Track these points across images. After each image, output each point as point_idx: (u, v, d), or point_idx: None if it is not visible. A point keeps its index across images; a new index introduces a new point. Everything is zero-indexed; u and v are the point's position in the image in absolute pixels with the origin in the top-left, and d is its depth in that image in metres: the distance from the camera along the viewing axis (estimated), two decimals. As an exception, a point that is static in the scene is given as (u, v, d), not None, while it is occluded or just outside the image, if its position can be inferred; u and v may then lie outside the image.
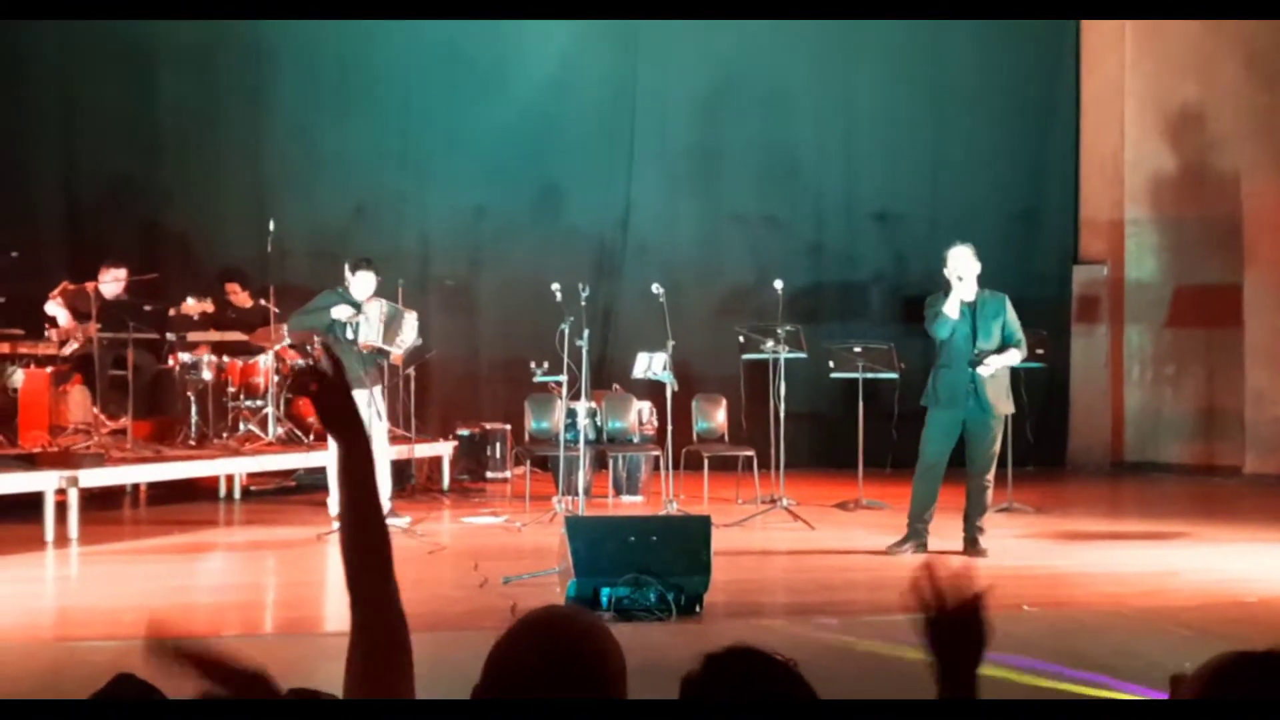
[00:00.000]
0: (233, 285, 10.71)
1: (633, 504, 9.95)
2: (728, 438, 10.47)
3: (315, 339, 9.80)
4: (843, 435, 11.05)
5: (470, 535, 8.36)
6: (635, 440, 10.38)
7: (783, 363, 9.44)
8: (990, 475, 7.54)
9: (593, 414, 9.95)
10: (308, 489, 10.05)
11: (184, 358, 9.79)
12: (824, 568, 7.28)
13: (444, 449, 10.72)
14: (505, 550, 7.52)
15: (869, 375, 9.86)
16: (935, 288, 7.62)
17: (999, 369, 7.43)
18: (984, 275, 7.62)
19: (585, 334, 8.78)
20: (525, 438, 10.20)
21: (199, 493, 9.78)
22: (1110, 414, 13.31)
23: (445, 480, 10.64)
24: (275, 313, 9.91)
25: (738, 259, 12.88)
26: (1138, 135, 13.16)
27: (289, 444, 9.86)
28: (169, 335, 10.05)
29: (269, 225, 9.82)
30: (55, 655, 4.99)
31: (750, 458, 9.87)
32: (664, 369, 9.54)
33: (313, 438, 9.84)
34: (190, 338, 10.09)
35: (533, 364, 10.04)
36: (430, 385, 11.49)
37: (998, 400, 7.47)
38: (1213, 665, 1.65)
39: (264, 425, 9.90)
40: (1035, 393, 11.22)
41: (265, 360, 9.99)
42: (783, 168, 13.14)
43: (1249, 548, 7.97)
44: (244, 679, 1.79)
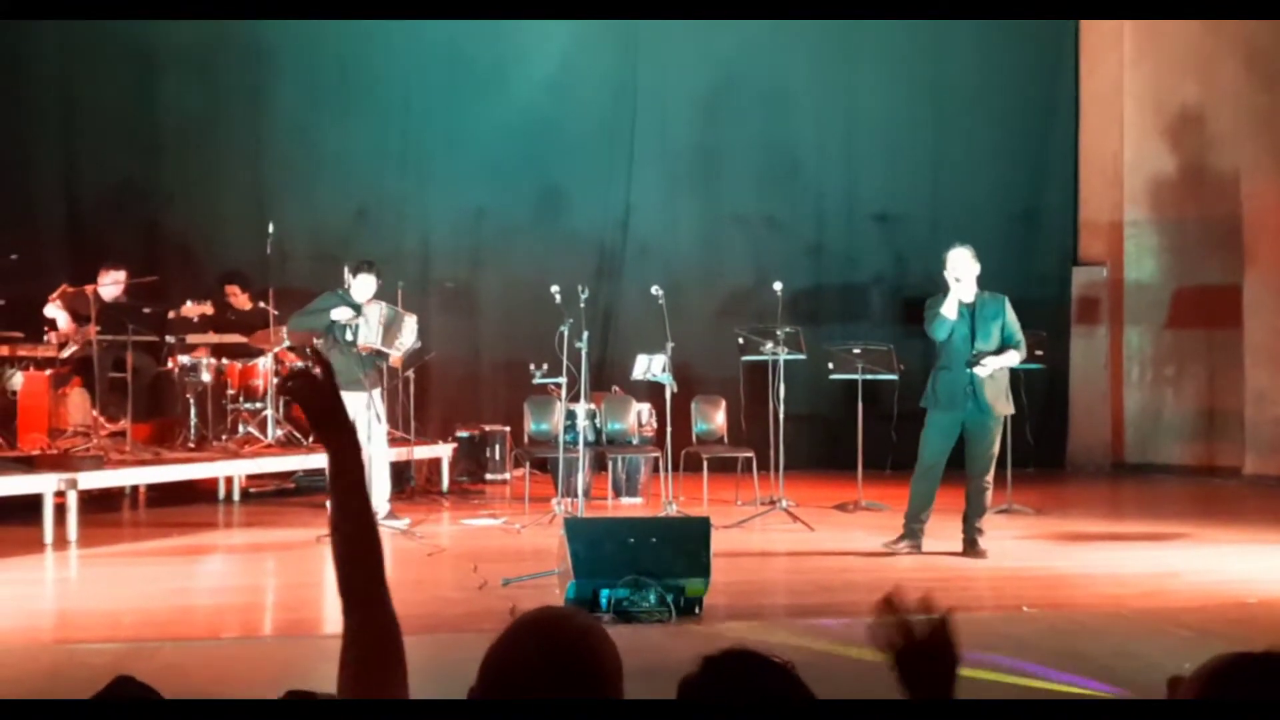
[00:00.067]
0: (233, 288, 10.71)
1: (632, 505, 9.94)
2: (727, 439, 10.47)
3: (314, 340, 9.82)
4: (842, 437, 11.05)
5: (470, 537, 8.35)
6: (634, 442, 10.38)
7: (782, 364, 9.44)
8: (989, 476, 7.53)
9: (592, 415, 9.95)
10: (307, 491, 10.05)
11: (183, 360, 9.80)
12: (823, 569, 7.26)
13: (443, 451, 10.72)
14: (505, 552, 7.51)
15: (868, 377, 9.86)
16: (935, 289, 7.61)
17: (997, 370, 7.44)
18: (984, 276, 7.62)
19: (585, 336, 8.78)
20: (525, 439, 10.20)
21: (198, 495, 9.77)
22: (1110, 415, 13.31)
23: (445, 482, 10.64)
24: (275, 315, 9.91)
25: (738, 260, 12.88)
26: (1137, 136, 13.17)
27: (288, 446, 9.87)
28: (168, 338, 10.05)
29: (269, 227, 9.83)
30: (54, 657, 4.97)
31: (750, 459, 9.87)
32: (663, 370, 9.54)
33: (312, 440, 9.83)
34: (189, 340, 10.09)
35: (532, 366, 10.04)
36: (430, 387, 11.49)
37: (996, 401, 7.46)
38: (1210, 666, 1.64)
39: (263, 427, 9.90)
40: (1035, 394, 11.22)
41: (264, 362, 9.99)
42: (783, 169, 13.14)
43: (1249, 549, 7.96)
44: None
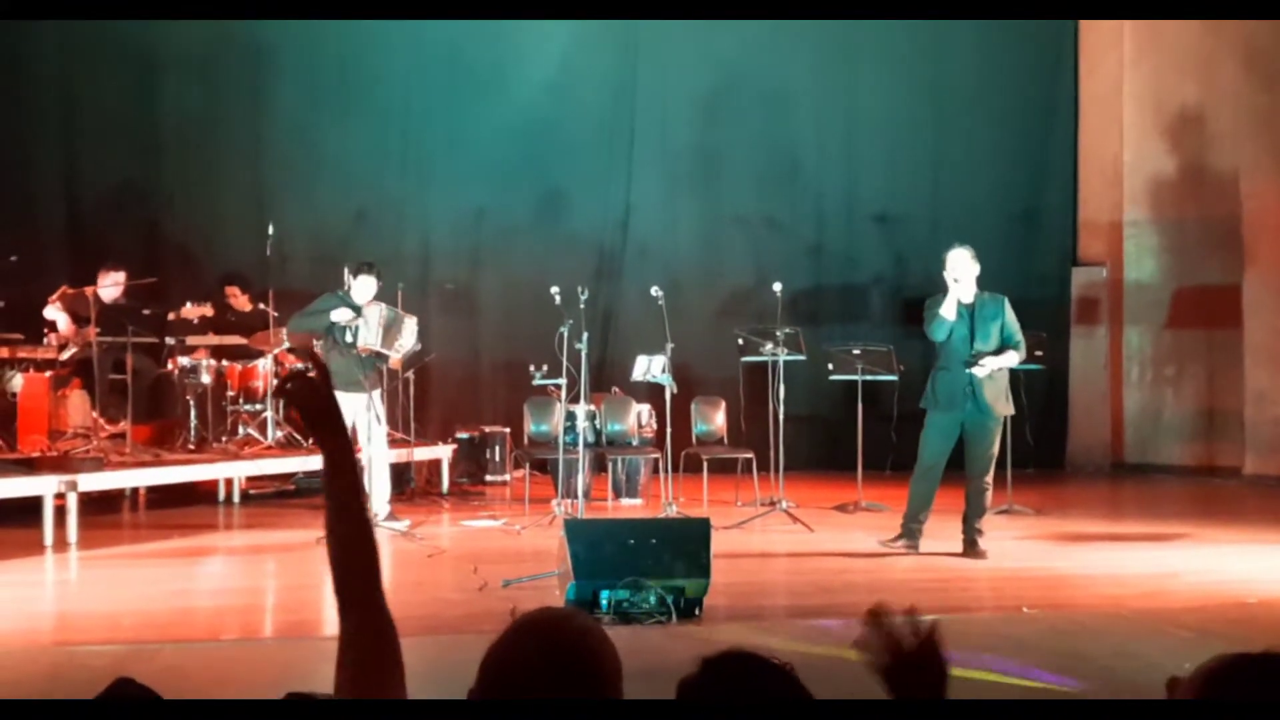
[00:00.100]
0: (233, 289, 10.72)
1: (632, 506, 9.95)
2: (727, 440, 10.47)
3: (314, 342, 9.82)
4: (842, 437, 11.05)
5: (470, 538, 8.35)
6: (634, 443, 10.38)
7: (782, 365, 9.44)
8: (989, 477, 7.53)
9: (592, 417, 9.95)
10: (307, 492, 10.05)
11: (183, 362, 9.80)
12: (823, 570, 7.26)
13: (443, 452, 10.72)
14: (505, 553, 7.51)
15: (868, 378, 9.86)
16: (935, 290, 7.61)
17: (996, 370, 7.43)
18: (983, 277, 7.62)
19: (584, 337, 8.78)
20: (524, 441, 10.21)
21: (198, 496, 9.77)
22: (1110, 415, 13.31)
23: (445, 483, 10.64)
24: (274, 316, 9.92)
25: (738, 261, 12.87)
26: (1137, 136, 13.17)
27: (288, 447, 9.86)
28: (168, 339, 10.05)
29: (269, 229, 9.83)
30: (54, 659, 4.97)
31: (749, 460, 9.87)
32: (663, 371, 9.54)
33: (311, 441, 9.82)
34: (189, 342, 10.09)
35: (532, 367, 10.04)
36: (430, 388, 11.49)
37: (996, 402, 7.46)
38: (1208, 667, 1.64)
39: (263, 429, 9.90)
40: (1035, 394, 11.22)
41: (264, 364, 9.99)
42: (782, 169, 13.14)
43: (1249, 549, 7.96)
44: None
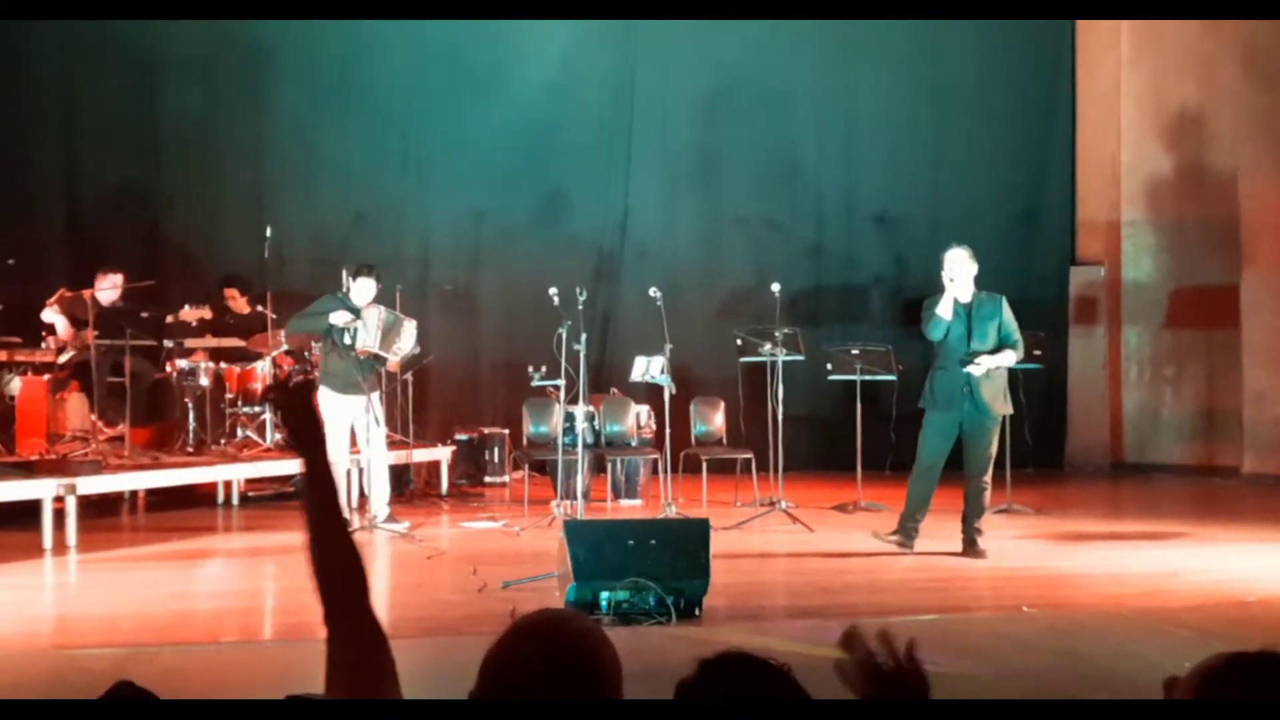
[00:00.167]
0: (232, 291, 10.70)
1: (631, 507, 9.95)
2: (726, 440, 10.47)
3: (312, 345, 9.82)
4: (841, 437, 11.05)
5: (469, 540, 8.34)
6: (633, 444, 10.38)
7: (781, 365, 9.44)
8: (988, 476, 7.52)
9: (591, 418, 9.94)
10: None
11: (181, 364, 9.79)
12: (823, 570, 7.26)
13: (442, 454, 10.71)
14: (504, 555, 7.50)
15: (867, 378, 9.86)
16: (935, 290, 7.61)
17: (992, 369, 7.42)
18: (982, 276, 7.62)
19: (583, 338, 8.78)
20: (523, 442, 10.20)
21: (197, 499, 9.76)
22: (1109, 415, 13.31)
23: (444, 485, 10.63)
24: (273, 319, 9.91)
25: (737, 261, 12.87)
26: (1135, 136, 13.17)
27: (287, 449, 9.85)
28: (166, 342, 10.04)
29: (266, 231, 9.83)
30: (54, 662, 4.97)
31: (749, 460, 9.87)
32: (662, 372, 9.54)
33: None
34: (187, 344, 10.08)
35: (531, 368, 10.03)
36: (428, 390, 11.48)
37: (994, 401, 7.46)
38: (1205, 666, 1.64)
39: (262, 431, 9.89)
40: (1034, 394, 11.22)
41: (263, 366, 9.98)
42: (782, 169, 13.13)
43: (1248, 548, 7.96)
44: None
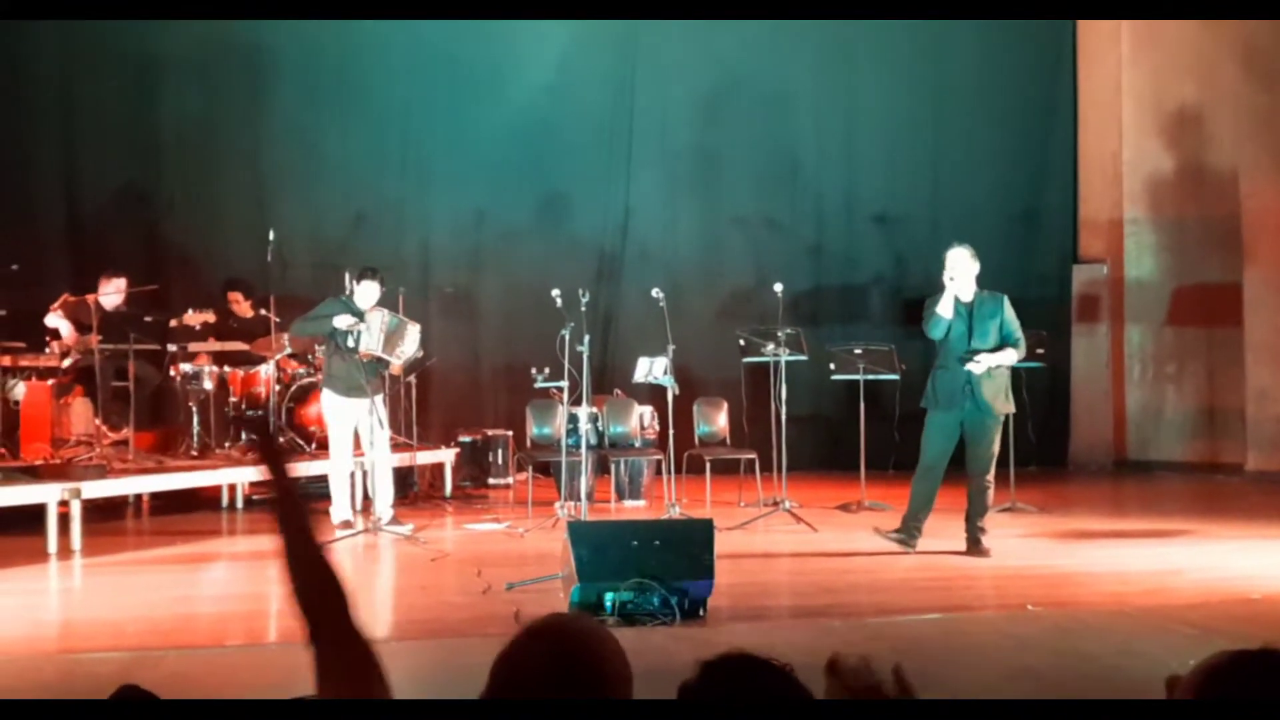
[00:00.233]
0: (235, 294, 10.71)
1: (635, 508, 9.95)
2: (729, 441, 10.47)
3: (316, 348, 9.83)
4: (844, 437, 11.05)
5: (473, 542, 8.35)
6: (637, 445, 10.39)
7: (783, 365, 9.45)
8: (990, 475, 7.52)
9: (594, 419, 9.95)
10: (310, 498, 10.02)
11: (185, 368, 9.80)
12: (827, 570, 7.26)
13: (446, 456, 10.72)
14: (508, 556, 7.51)
15: (870, 377, 9.87)
16: (936, 289, 7.61)
17: (992, 367, 7.42)
18: (984, 276, 7.62)
19: (586, 339, 8.78)
20: (527, 443, 10.21)
21: (201, 503, 9.77)
22: (1112, 413, 13.31)
23: (448, 487, 10.64)
24: (276, 322, 9.92)
25: (738, 262, 12.87)
26: (1136, 135, 13.17)
27: (291, 453, 9.86)
28: (170, 346, 10.05)
29: (269, 235, 9.84)
30: (59, 667, 4.98)
31: (752, 461, 9.87)
32: (665, 373, 9.55)
33: (314, 447, 9.85)
34: (191, 348, 10.09)
35: (534, 370, 10.04)
36: (432, 392, 11.50)
37: (995, 400, 7.45)
38: (1207, 664, 1.64)
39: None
40: (1037, 392, 11.22)
41: (266, 370, 10.00)
42: (782, 170, 13.13)
43: (1252, 545, 7.96)
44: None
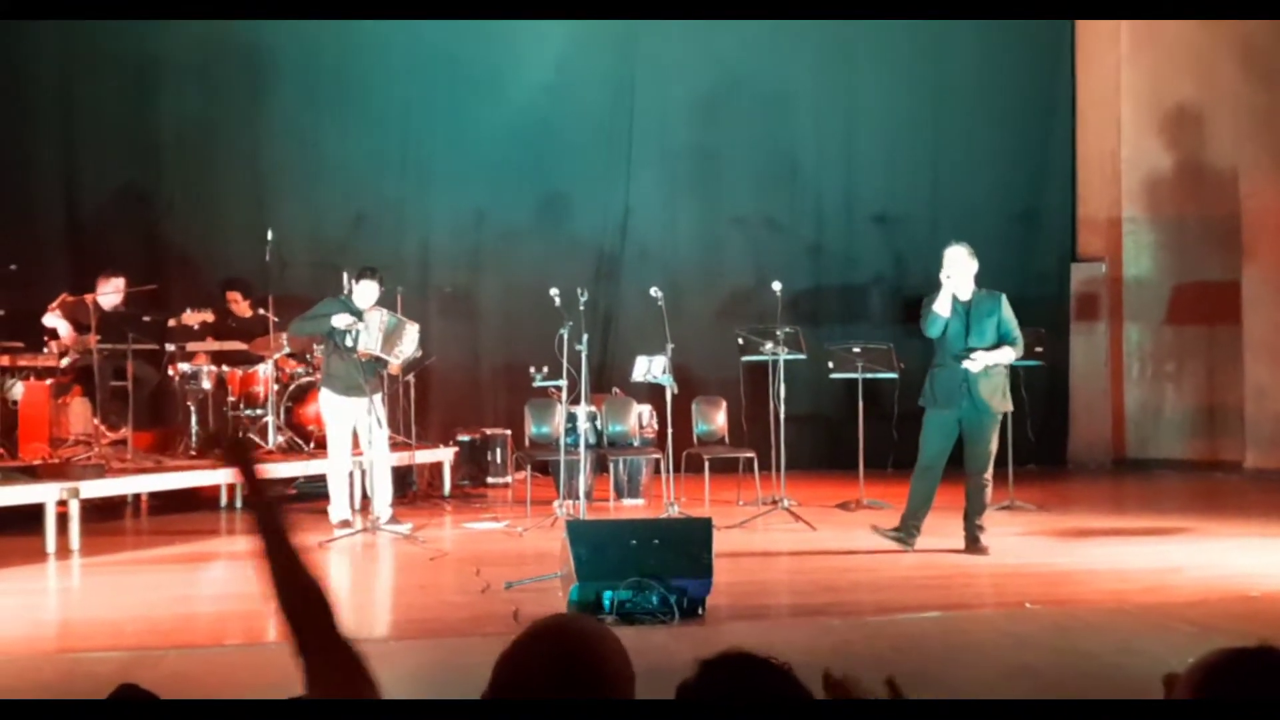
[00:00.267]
0: (234, 294, 10.71)
1: (634, 507, 9.95)
2: (728, 440, 10.47)
3: (314, 347, 9.83)
4: (843, 436, 11.05)
5: (472, 541, 8.35)
6: (635, 443, 10.39)
7: (782, 364, 9.44)
8: (988, 474, 7.52)
9: (593, 418, 9.95)
10: (309, 497, 10.04)
11: (184, 368, 9.80)
12: (826, 569, 7.26)
13: (445, 455, 10.72)
14: (507, 555, 7.51)
15: (868, 376, 9.87)
16: (935, 288, 7.61)
17: (990, 365, 7.41)
18: (984, 275, 7.62)
19: (585, 338, 8.78)
20: (526, 442, 10.20)
21: (200, 502, 9.76)
22: (1111, 411, 13.31)
23: (446, 486, 10.64)
24: (274, 322, 9.92)
25: (737, 261, 12.87)
26: (1135, 134, 13.17)
27: (290, 452, 9.87)
28: (168, 346, 10.05)
29: (268, 234, 9.84)
30: (58, 666, 4.97)
31: (751, 459, 9.87)
32: (663, 372, 9.55)
33: (313, 446, 9.84)
34: (189, 348, 10.09)
35: (532, 369, 10.04)
36: (430, 391, 11.50)
37: (992, 398, 7.45)
38: (1204, 663, 1.63)
39: (264, 434, 9.90)
40: (1036, 391, 11.21)
41: (265, 369, 9.99)
42: (782, 169, 13.13)
43: (1252, 543, 7.97)
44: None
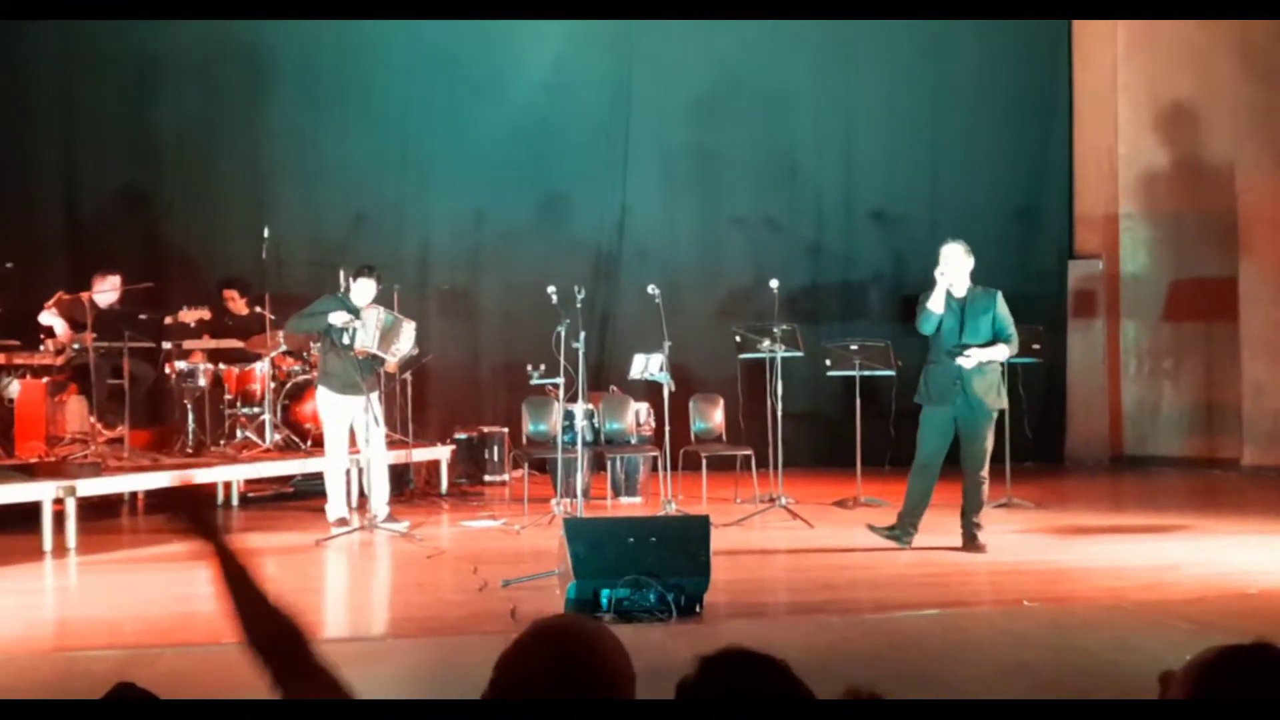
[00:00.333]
0: (231, 292, 10.69)
1: (631, 505, 9.94)
2: (725, 437, 10.47)
3: (311, 345, 9.82)
4: (841, 434, 11.05)
5: (469, 539, 8.34)
6: (633, 441, 10.38)
7: (780, 362, 9.44)
8: (984, 471, 7.51)
9: (590, 416, 9.94)
10: (306, 495, 10.04)
11: (180, 366, 9.78)
12: (823, 566, 7.26)
13: (442, 453, 10.71)
14: (504, 553, 7.51)
15: (866, 373, 9.87)
16: (933, 286, 7.61)
17: (983, 362, 7.41)
18: (982, 272, 7.62)
19: (582, 336, 8.78)
20: (523, 440, 10.20)
21: (197, 500, 9.74)
22: (1108, 408, 13.32)
23: (444, 484, 10.63)
24: (271, 320, 9.91)
25: (736, 260, 12.87)
26: (1131, 131, 13.18)
27: (286, 450, 9.86)
28: (165, 344, 10.03)
29: (264, 232, 9.83)
30: (55, 665, 4.97)
31: (748, 457, 9.87)
32: (661, 370, 9.54)
33: (310, 444, 9.83)
34: (186, 346, 10.07)
35: (530, 367, 10.03)
36: (428, 389, 11.49)
37: (986, 395, 7.45)
38: (1200, 660, 1.63)
39: (261, 432, 9.89)
40: (1033, 388, 11.22)
41: (262, 367, 9.98)
42: (780, 168, 13.13)
43: (1249, 540, 7.97)
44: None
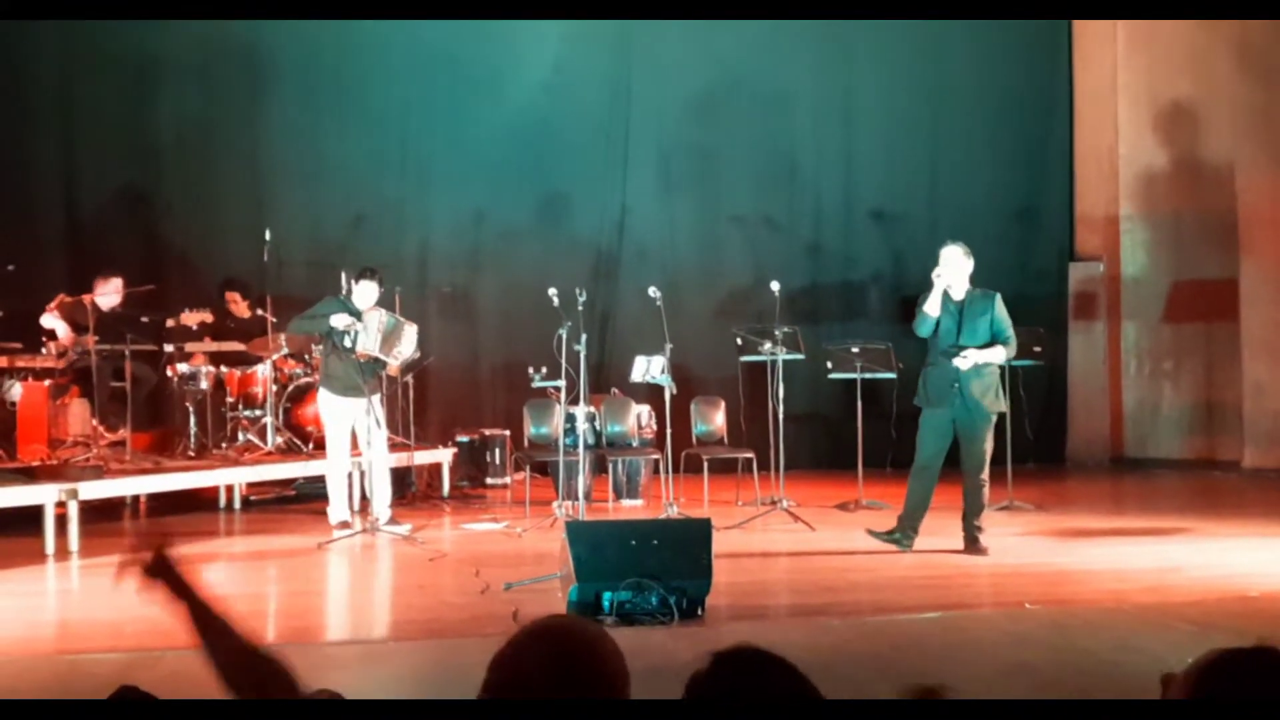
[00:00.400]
0: (233, 294, 10.71)
1: (633, 508, 9.95)
2: (727, 440, 10.47)
3: (313, 347, 9.83)
4: (842, 436, 11.05)
5: (471, 542, 8.34)
6: (634, 444, 10.39)
7: (781, 364, 9.44)
8: (984, 474, 7.50)
9: (592, 418, 9.94)
10: (308, 498, 10.04)
11: (182, 368, 9.79)
12: (825, 569, 7.26)
13: (444, 456, 10.72)
14: (506, 556, 7.51)
15: (867, 375, 9.86)
16: (931, 288, 7.62)
17: (981, 364, 7.40)
18: (981, 273, 7.62)
19: (583, 338, 8.78)
20: (525, 443, 10.20)
21: (199, 503, 9.76)
22: (1109, 410, 13.32)
23: (445, 487, 10.64)
24: (273, 322, 9.91)
25: (736, 261, 12.87)
26: (1132, 132, 13.18)
27: (288, 453, 9.87)
28: (166, 346, 10.04)
29: (265, 234, 9.83)
30: (57, 668, 4.98)
31: (750, 460, 9.87)
32: (662, 372, 9.54)
33: (312, 447, 9.84)
34: (188, 348, 10.08)
35: (531, 369, 10.04)
36: (429, 392, 11.49)
37: (984, 398, 7.44)
38: (1201, 662, 1.64)
39: (263, 435, 9.90)
40: (1034, 390, 11.22)
41: (263, 370, 9.99)
42: (780, 168, 13.13)
43: (1250, 542, 7.97)
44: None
